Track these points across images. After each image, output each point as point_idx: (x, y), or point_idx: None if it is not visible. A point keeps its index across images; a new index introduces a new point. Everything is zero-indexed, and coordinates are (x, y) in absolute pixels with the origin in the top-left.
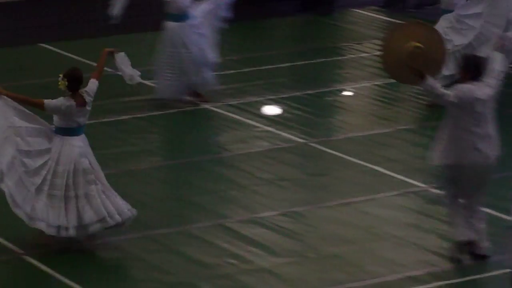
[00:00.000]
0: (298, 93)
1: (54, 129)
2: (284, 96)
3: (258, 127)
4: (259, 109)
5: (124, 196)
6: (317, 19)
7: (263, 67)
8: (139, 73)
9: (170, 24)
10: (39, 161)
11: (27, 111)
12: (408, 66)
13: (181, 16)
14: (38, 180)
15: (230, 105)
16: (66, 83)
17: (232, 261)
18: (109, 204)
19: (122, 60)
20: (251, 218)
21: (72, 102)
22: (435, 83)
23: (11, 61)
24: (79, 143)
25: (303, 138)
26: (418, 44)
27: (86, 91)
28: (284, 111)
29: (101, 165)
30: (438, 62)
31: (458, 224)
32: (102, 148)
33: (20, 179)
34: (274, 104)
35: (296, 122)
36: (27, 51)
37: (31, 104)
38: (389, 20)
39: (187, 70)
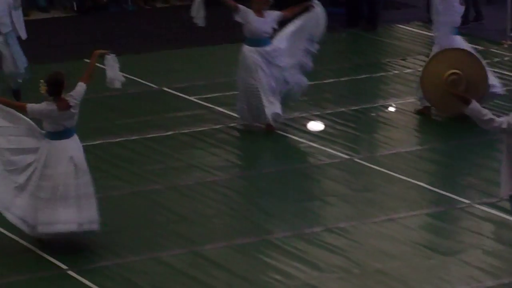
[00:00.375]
0: (343, 109)
1: (44, 133)
2: (329, 111)
3: (303, 142)
4: (304, 124)
5: (169, 211)
6: (362, 34)
7: (308, 83)
8: (123, 79)
9: (245, 48)
10: (23, 160)
11: (16, 113)
12: (451, 94)
13: (256, 41)
14: (21, 179)
15: (275, 120)
16: (46, 87)
17: (277, 276)
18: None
19: (111, 62)
20: (297, 234)
21: (53, 107)
22: (480, 109)
23: None
24: (70, 145)
25: (348, 154)
26: (455, 71)
27: (71, 94)
28: (329, 126)
29: (147, 181)
30: (480, 84)
31: None
32: (147, 163)
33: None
34: (319, 120)
35: (341, 138)
36: (72, 66)
37: (14, 107)
38: (433, 36)
39: (253, 97)
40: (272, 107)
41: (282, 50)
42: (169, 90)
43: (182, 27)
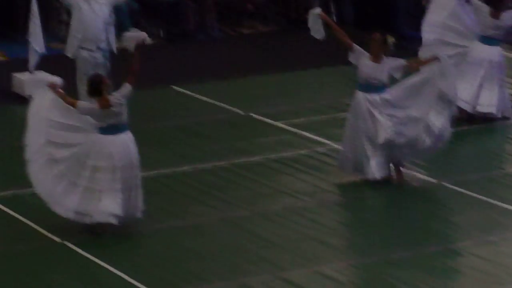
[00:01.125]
0: None
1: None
2: None
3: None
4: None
5: (257, 237)
6: None
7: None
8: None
9: (356, 93)
10: (66, 152)
11: (72, 109)
12: None
13: (365, 86)
14: (61, 167)
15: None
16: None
17: None
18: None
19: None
20: (383, 259)
21: (94, 105)
22: None
23: (145, 104)
24: (112, 141)
25: (435, 178)
26: None
27: (113, 94)
28: None
29: (235, 207)
30: None
31: None
32: (235, 190)
33: (44, 165)
34: None
35: (428, 162)
36: (159, 93)
37: (67, 103)
38: None
39: (359, 146)
40: (376, 160)
41: (393, 101)
42: (256, 116)
43: (268, 53)
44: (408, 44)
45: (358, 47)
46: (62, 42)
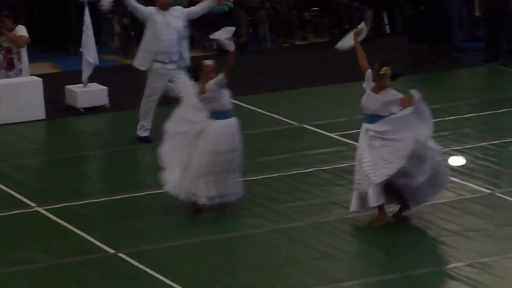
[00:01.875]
0: (483, 143)
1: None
2: (469, 146)
3: None
4: (444, 160)
5: (310, 248)
6: (501, 69)
7: (448, 118)
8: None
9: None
10: (186, 127)
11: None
12: None
13: (365, 116)
14: (184, 157)
15: None
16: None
17: None
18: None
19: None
20: (439, 270)
21: (196, 90)
22: None
23: None
24: (213, 125)
25: (489, 189)
26: None
27: (210, 81)
28: (470, 161)
29: (288, 218)
30: None
31: None
32: (288, 201)
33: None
34: (459, 155)
35: (482, 173)
36: None
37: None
38: None
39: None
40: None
41: (387, 132)
42: (309, 127)
43: (321, 64)
44: (459, 54)
45: (368, 73)
46: (115, 54)
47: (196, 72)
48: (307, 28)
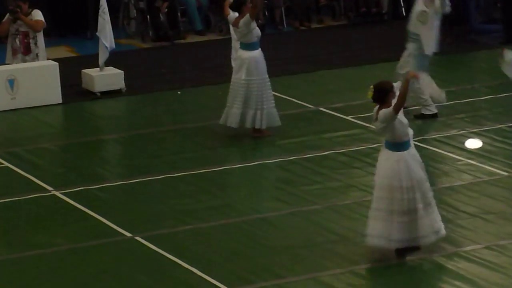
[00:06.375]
0: (500, 126)
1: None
2: (486, 128)
3: (460, 160)
4: (461, 142)
5: (327, 231)
6: None
7: (465, 100)
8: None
9: None
10: None
11: None
12: None
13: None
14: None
15: (433, 138)
16: (372, 93)
17: None
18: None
19: None
20: (456, 252)
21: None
22: None
23: (216, 98)
24: (390, 157)
25: (507, 171)
26: None
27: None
28: (487, 144)
29: (305, 201)
30: None
31: None
32: (305, 184)
33: None
34: (476, 137)
35: (499, 155)
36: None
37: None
38: None
39: None
40: None
41: None
42: (326, 110)
43: (337, 47)
44: (477, 36)
45: None
46: (131, 38)
47: (381, 92)
48: (324, 11)
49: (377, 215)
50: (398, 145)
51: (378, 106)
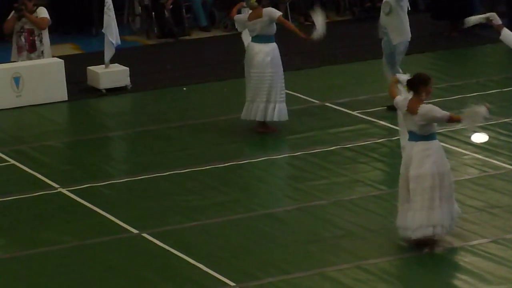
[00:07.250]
0: (506, 120)
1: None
2: (492, 122)
3: (466, 154)
4: (467, 136)
5: (334, 226)
6: None
7: (471, 94)
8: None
9: None
10: None
11: None
12: None
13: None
14: None
15: (438, 132)
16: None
17: None
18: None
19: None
20: (462, 246)
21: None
22: None
23: (220, 94)
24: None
25: None
26: None
27: (423, 105)
28: (493, 138)
29: (311, 196)
30: None
31: None
32: (311, 179)
33: None
34: (482, 131)
35: (505, 149)
36: (234, 84)
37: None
38: None
39: None
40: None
41: None
42: (332, 106)
43: (342, 42)
44: (482, 30)
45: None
46: (136, 34)
47: (413, 83)
48: (328, 6)
49: (419, 206)
50: (433, 134)
51: (411, 97)
